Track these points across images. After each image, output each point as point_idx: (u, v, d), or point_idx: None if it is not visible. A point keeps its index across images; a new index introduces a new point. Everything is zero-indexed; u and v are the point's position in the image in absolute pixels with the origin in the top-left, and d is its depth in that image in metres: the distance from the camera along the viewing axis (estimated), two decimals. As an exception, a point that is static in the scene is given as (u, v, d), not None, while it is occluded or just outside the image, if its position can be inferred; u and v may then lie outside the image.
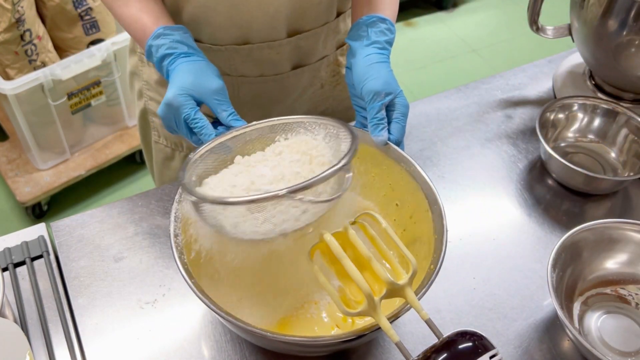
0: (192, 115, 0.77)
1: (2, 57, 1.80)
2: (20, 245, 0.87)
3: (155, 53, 0.82)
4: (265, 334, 0.65)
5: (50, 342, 0.78)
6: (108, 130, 2.08)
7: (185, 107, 0.77)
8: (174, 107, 0.78)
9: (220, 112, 0.78)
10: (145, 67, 1.03)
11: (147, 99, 1.06)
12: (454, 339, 0.61)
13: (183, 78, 0.79)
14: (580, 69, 1.16)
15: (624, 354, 0.78)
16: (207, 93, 0.78)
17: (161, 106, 0.79)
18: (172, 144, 1.07)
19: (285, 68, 0.98)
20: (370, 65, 0.82)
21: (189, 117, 0.77)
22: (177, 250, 0.71)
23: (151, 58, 0.83)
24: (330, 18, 0.97)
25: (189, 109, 0.77)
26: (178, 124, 0.79)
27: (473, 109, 1.11)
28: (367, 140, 0.83)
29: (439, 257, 0.70)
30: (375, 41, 0.84)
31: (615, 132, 1.02)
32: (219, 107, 0.78)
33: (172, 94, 0.78)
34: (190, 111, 0.77)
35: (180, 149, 1.07)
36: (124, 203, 0.93)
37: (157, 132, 1.08)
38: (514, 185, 0.99)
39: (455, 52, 2.71)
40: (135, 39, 0.88)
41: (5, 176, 1.97)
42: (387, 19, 0.87)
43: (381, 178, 0.85)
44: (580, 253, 0.83)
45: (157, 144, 1.10)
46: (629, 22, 0.96)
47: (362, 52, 0.84)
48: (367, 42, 0.84)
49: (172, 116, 0.79)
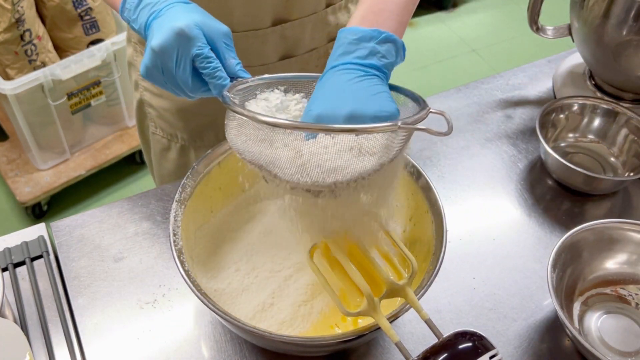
0: (206, 52, 0.66)
1: (2, 57, 1.80)
2: (20, 245, 0.87)
3: None
4: (265, 334, 0.65)
5: (50, 342, 0.78)
6: (108, 130, 2.08)
7: (199, 42, 0.65)
8: (186, 39, 0.65)
9: (228, 59, 0.68)
10: (139, 56, 1.02)
11: (143, 90, 1.05)
12: (454, 339, 0.61)
13: (189, 14, 0.67)
14: (580, 69, 1.16)
15: (624, 354, 0.78)
16: (217, 34, 0.67)
17: (163, 38, 0.65)
18: (168, 134, 1.07)
19: (272, 58, 0.96)
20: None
21: (200, 55, 0.65)
22: (176, 250, 0.71)
23: (130, 2, 0.71)
24: (318, 8, 0.95)
25: (203, 45, 0.66)
26: (179, 63, 0.66)
27: (473, 109, 1.11)
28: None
29: (439, 257, 0.71)
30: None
31: (615, 132, 1.02)
32: (227, 52, 0.68)
33: (184, 24, 0.65)
34: (204, 48, 0.66)
35: (175, 139, 1.06)
36: (124, 203, 0.93)
37: (154, 123, 1.07)
38: (514, 185, 0.99)
39: (455, 52, 2.71)
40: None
41: (5, 176, 1.97)
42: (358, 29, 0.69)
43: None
44: (580, 253, 0.83)
45: (154, 135, 1.09)
46: (629, 22, 0.96)
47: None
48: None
49: (175, 52, 0.66)
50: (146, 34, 0.69)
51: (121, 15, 0.73)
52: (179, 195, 0.76)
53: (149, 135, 1.11)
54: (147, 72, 0.69)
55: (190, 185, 0.78)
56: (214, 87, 0.66)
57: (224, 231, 0.84)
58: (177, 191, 0.76)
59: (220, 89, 0.66)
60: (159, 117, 1.05)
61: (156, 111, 1.05)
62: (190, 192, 0.78)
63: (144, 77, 0.70)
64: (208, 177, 0.81)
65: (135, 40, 1.02)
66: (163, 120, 1.05)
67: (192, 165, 0.79)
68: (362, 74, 0.64)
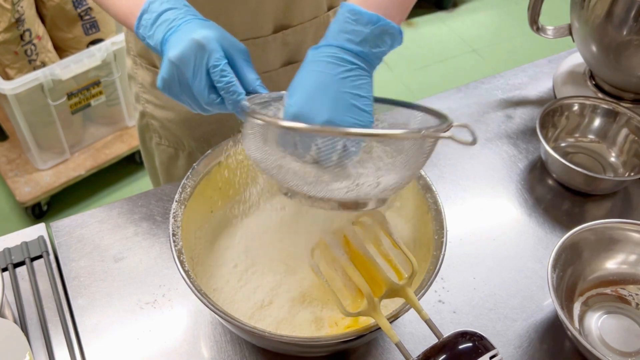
0: (222, 66, 0.65)
1: (2, 57, 1.80)
2: (20, 246, 0.87)
3: (159, 7, 0.70)
4: (265, 334, 0.65)
5: (50, 342, 0.78)
6: (108, 130, 2.08)
7: (217, 54, 0.65)
8: (203, 51, 0.65)
9: (247, 74, 0.68)
10: (140, 69, 1.02)
11: (145, 102, 1.05)
12: (454, 339, 0.61)
13: (208, 29, 0.67)
14: (581, 69, 1.15)
15: (624, 354, 0.78)
16: (236, 50, 0.68)
17: (180, 49, 0.65)
18: (174, 143, 1.06)
19: (275, 65, 0.95)
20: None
21: (217, 67, 0.65)
22: (176, 250, 0.71)
23: (145, 19, 0.71)
24: (319, 12, 0.94)
25: (220, 58, 0.65)
26: (196, 75, 0.66)
27: (473, 109, 1.11)
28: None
29: (439, 257, 0.71)
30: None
31: (616, 132, 1.02)
32: (246, 67, 0.68)
33: (202, 36, 0.65)
34: (221, 61, 0.65)
35: (182, 147, 1.06)
36: (124, 203, 0.93)
37: (158, 134, 1.07)
38: (514, 185, 0.99)
39: (456, 52, 2.71)
40: (123, 14, 0.76)
41: (5, 176, 1.97)
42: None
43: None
44: (581, 253, 0.83)
45: (159, 146, 1.09)
46: (630, 22, 0.96)
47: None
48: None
49: (192, 63, 0.66)
50: (162, 49, 0.69)
51: (136, 31, 0.73)
52: (179, 195, 0.76)
53: (153, 146, 1.11)
54: (164, 84, 0.69)
55: (190, 185, 0.78)
56: (228, 102, 0.66)
57: (223, 227, 0.84)
58: (177, 191, 0.76)
59: (235, 104, 0.66)
60: (163, 128, 1.05)
61: (160, 122, 1.04)
62: (190, 192, 0.78)
63: (161, 89, 0.70)
64: (208, 177, 0.81)
65: (135, 53, 1.01)
66: (167, 131, 1.05)
67: (192, 166, 0.79)
68: (348, 68, 0.62)
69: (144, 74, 1.01)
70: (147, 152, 1.15)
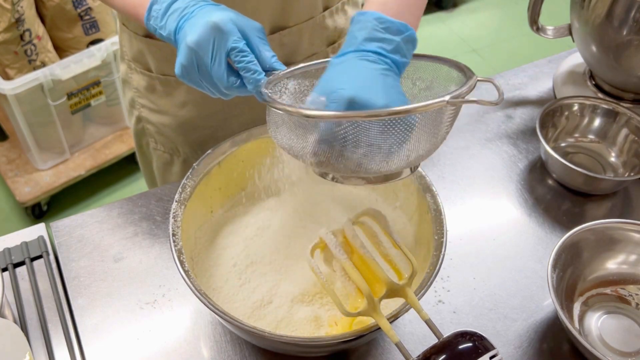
0: (241, 46, 0.66)
1: (2, 57, 1.80)
2: (20, 246, 0.87)
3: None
4: (265, 334, 0.65)
5: (50, 342, 0.78)
6: (108, 130, 2.08)
7: (234, 35, 0.66)
8: (221, 33, 0.65)
9: (263, 52, 0.68)
10: (134, 73, 1.01)
11: (140, 107, 1.04)
12: (454, 339, 0.61)
13: (222, 11, 0.67)
14: (581, 69, 1.15)
15: (624, 354, 0.78)
16: (251, 29, 0.68)
17: (198, 34, 0.66)
18: (170, 149, 1.06)
19: None
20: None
21: (236, 49, 0.65)
22: (176, 250, 0.71)
23: (156, 10, 0.71)
24: (315, 13, 0.94)
25: (238, 39, 0.66)
26: (215, 58, 0.66)
27: (473, 109, 1.11)
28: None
29: (439, 257, 0.71)
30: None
31: (616, 132, 1.02)
32: (262, 45, 0.68)
33: (218, 19, 0.66)
34: (239, 42, 0.66)
35: (177, 153, 1.06)
36: (123, 203, 0.93)
37: (154, 139, 1.07)
38: (514, 185, 0.99)
39: (455, 52, 2.71)
40: (131, 7, 0.76)
41: (5, 176, 1.97)
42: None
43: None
44: (581, 253, 0.83)
45: (155, 151, 1.09)
46: (630, 22, 0.96)
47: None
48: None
49: (211, 47, 0.66)
50: (176, 38, 0.69)
51: (146, 23, 0.73)
52: (179, 195, 0.76)
53: (150, 151, 1.11)
54: (183, 70, 0.68)
55: (190, 186, 0.78)
56: (248, 82, 0.66)
57: (222, 227, 0.84)
58: (177, 191, 0.76)
59: (256, 83, 0.66)
60: (158, 133, 1.05)
61: (155, 127, 1.04)
62: (190, 192, 0.78)
63: (179, 77, 0.70)
64: (208, 177, 0.81)
65: (129, 58, 1.00)
66: (163, 136, 1.05)
67: (192, 166, 0.79)
68: (387, 68, 0.63)
69: (139, 79, 1.01)
70: (143, 157, 1.14)
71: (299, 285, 0.76)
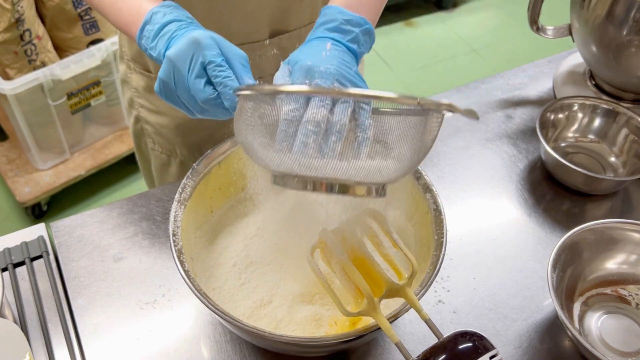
0: (219, 61, 0.66)
1: (2, 57, 1.80)
2: (20, 246, 0.87)
3: (161, 18, 0.71)
4: (265, 334, 0.65)
5: (49, 342, 0.78)
6: (108, 130, 2.08)
7: (213, 50, 0.66)
8: (200, 47, 0.66)
9: (245, 80, 0.68)
10: (134, 73, 1.01)
11: (139, 107, 1.05)
12: (454, 339, 0.61)
13: (207, 31, 0.68)
14: (581, 69, 1.15)
15: (624, 354, 0.78)
16: (234, 54, 0.68)
17: (178, 46, 0.66)
18: (167, 150, 1.06)
19: (270, 70, 0.94)
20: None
21: (213, 62, 0.66)
22: (176, 250, 0.71)
23: (148, 30, 0.72)
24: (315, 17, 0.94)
25: (217, 54, 0.66)
26: (192, 69, 0.66)
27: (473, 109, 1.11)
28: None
29: (439, 257, 0.71)
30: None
31: (616, 132, 1.02)
32: (244, 72, 0.68)
33: (199, 34, 0.66)
34: (217, 57, 0.66)
35: (174, 155, 1.06)
36: (123, 203, 0.93)
37: (152, 140, 1.07)
38: (514, 185, 0.99)
39: (455, 52, 2.71)
40: (124, 23, 0.76)
41: (5, 176, 1.97)
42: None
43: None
44: (581, 253, 0.83)
45: (153, 151, 1.09)
46: (630, 22, 0.96)
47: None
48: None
49: (189, 59, 0.66)
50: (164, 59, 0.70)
51: (138, 42, 0.73)
52: (179, 195, 0.76)
53: (148, 152, 1.11)
54: (161, 85, 0.69)
55: (190, 186, 0.78)
56: (225, 98, 0.66)
57: (222, 227, 0.84)
58: (177, 191, 0.76)
59: (233, 99, 0.66)
60: (156, 133, 1.05)
61: (153, 128, 1.04)
62: (190, 192, 0.78)
63: (157, 93, 0.70)
64: (208, 177, 0.81)
65: (128, 58, 1.01)
66: (161, 137, 1.05)
67: (192, 166, 0.79)
68: (345, 50, 0.70)
69: (138, 79, 1.01)
70: (142, 157, 1.15)
71: (299, 285, 0.76)
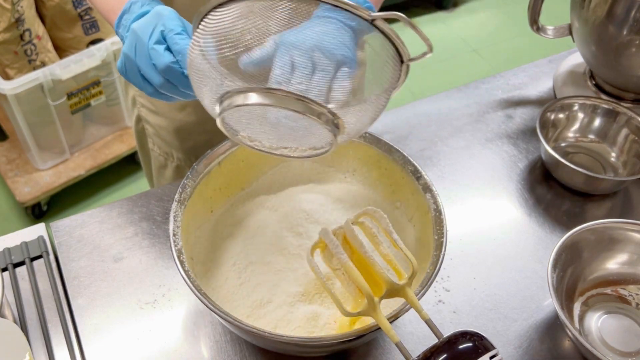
0: (179, 30, 0.65)
1: (2, 57, 1.80)
2: (19, 246, 0.87)
3: (139, 8, 0.71)
4: (265, 334, 0.65)
5: (49, 342, 0.78)
6: (108, 130, 2.08)
7: (174, 20, 0.65)
8: (162, 17, 0.66)
9: None
10: None
11: (140, 106, 1.05)
12: (454, 339, 0.61)
13: (174, 11, 0.68)
14: (581, 69, 1.15)
15: (624, 354, 0.78)
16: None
17: (141, 21, 0.66)
18: (164, 152, 1.07)
19: None
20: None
21: (173, 31, 0.65)
22: (176, 250, 0.71)
23: (126, 19, 0.71)
24: None
25: (178, 24, 0.65)
26: (153, 35, 0.65)
27: (473, 109, 1.11)
28: (368, 141, 0.83)
29: (439, 257, 0.71)
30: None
31: (616, 132, 1.02)
32: None
33: (163, 8, 0.67)
34: (178, 26, 0.65)
35: (171, 158, 1.06)
36: (123, 203, 0.93)
37: (152, 140, 1.07)
38: (514, 185, 0.99)
39: (456, 52, 2.71)
40: (106, 11, 0.76)
41: (4, 176, 1.97)
42: None
43: (382, 180, 0.85)
44: (581, 253, 0.83)
45: (152, 151, 1.09)
46: (630, 22, 0.96)
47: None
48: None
49: (151, 27, 0.66)
50: None
51: (115, 30, 0.73)
52: (179, 195, 0.76)
53: (149, 150, 1.11)
54: (124, 59, 0.68)
55: (190, 186, 0.78)
56: (184, 66, 0.64)
57: (222, 226, 0.84)
58: (177, 191, 0.76)
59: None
60: (155, 134, 1.05)
61: (153, 128, 1.05)
62: (190, 192, 0.78)
63: (119, 70, 0.69)
64: (208, 177, 0.81)
65: None
66: (159, 138, 1.05)
67: (192, 166, 0.79)
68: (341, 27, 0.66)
69: None
70: (145, 156, 1.15)
71: (299, 285, 0.76)
